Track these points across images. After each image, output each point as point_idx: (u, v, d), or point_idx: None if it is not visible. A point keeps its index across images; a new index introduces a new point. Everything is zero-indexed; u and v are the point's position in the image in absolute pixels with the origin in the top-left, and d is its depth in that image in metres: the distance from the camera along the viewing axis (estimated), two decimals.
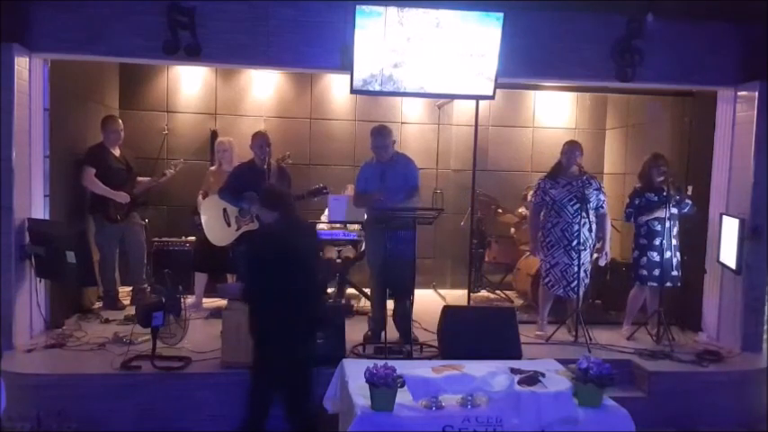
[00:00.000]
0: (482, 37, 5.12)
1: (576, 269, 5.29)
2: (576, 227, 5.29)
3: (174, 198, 7.03)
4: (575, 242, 5.30)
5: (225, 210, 5.68)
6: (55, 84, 5.21)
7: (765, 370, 5.03)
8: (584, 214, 5.28)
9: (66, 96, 5.52)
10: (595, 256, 5.55)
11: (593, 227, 5.39)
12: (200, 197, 6.08)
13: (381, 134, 5.15)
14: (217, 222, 5.72)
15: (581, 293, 5.33)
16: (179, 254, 6.51)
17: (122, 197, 5.77)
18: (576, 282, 5.31)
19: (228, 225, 5.70)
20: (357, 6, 4.91)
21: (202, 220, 5.82)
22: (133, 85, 7.06)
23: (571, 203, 5.32)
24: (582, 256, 5.29)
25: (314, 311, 3.84)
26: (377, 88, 5.22)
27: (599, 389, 3.50)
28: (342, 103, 7.41)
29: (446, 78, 5.25)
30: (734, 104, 5.54)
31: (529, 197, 6.89)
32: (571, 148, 5.47)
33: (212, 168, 6.23)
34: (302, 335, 3.74)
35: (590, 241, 5.39)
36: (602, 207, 5.47)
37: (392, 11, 4.99)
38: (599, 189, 5.46)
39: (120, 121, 6.04)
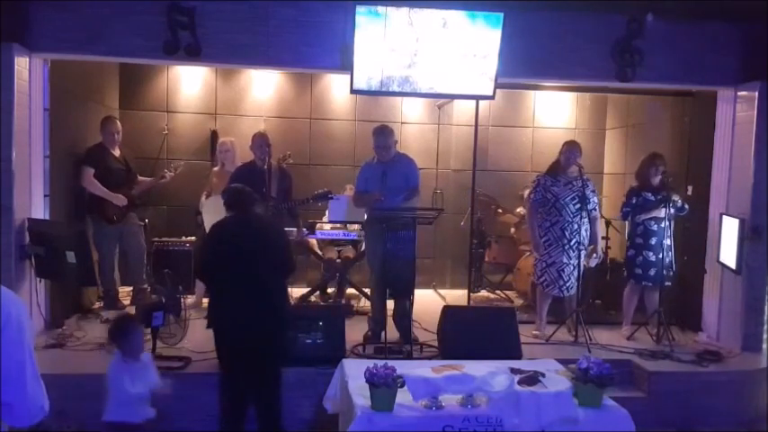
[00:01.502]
0: (486, 37, 5.12)
1: (572, 268, 5.29)
2: (576, 226, 5.29)
3: (173, 198, 7.03)
4: (573, 241, 5.30)
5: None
6: (55, 84, 5.21)
7: (765, 370, 5.03)
8: (583, 214, 5.28)
9: (66, 96, 5.52)
10: (593, 257, 5.55)
11: (589, 227, 5.40)
12: (203, 197, 6.07)
13: (384, 134, 5.15)
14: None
15: (579, 293, 5.34)
16: (179, 254, 6.50)
17: (120, 200, 5.77)
18: (570, 281, 5.31)
19: None
20: (357, 6, 4.91)
21: (205, 221, 5.81)
22: (133, 85, 7.06)
23: (573, 202, 5.32)
24: (578, 255, 5.28)
25: (276, 310, 3.84)
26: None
27: (599, 389, 3.51)
28: (342, 103, 7.41)
29: (452, 79, 5.26)
30: (734, 104, 5.53)
31: (526, 195, 6.91)
32: (570, 148, 5.47)
33: (215, 169, 6.23)
34: (264, 333, 3.74)
35: (586, 241, 5.39)
36: (595, 210, 5.47)
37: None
38: (593, 192, 5.47)
39: (119, 122, 6.03)
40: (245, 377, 3.77)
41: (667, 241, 5.35)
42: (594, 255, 5.52)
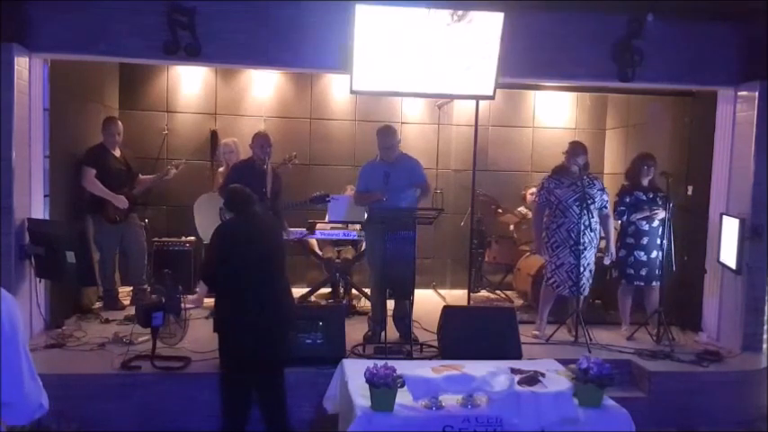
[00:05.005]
0: (487, 37, 5.13)
1: (582, 269, 5.29)
2: (582, 227, 5.27)
3: (173, 198, 7.02)
4: (580, 242, 5.28)
5: (221, 208, 5.66)
6: (55, 84, 5.21)
7: (765, 370, 5.03)
8: (590, 214, 5.26)
9: (66, 96, 5.51)
10: (599, 255, 5.54)
11: (597, 227, 5.38)
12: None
13: (388, 134, 5.18)
14: (211, 222, 5.69)
15: (586, 293, 5.33)
16: (179, 254, 6.51)
17: (122, 202, 5.77)
18: (582, 281, 5.31)
19: None
20: (357, 6, 4.91)
21: (196, 220, 5.80)
22: (133, 85, 7.06)
23: (576, 203, 5.30)
24: (588, 255, 5.29)
25: (281, 311, 3.82)
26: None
27: (599, 389, 3.51)
28: (342, 103, 7.40)
29: (454, 79, 5.27)
30: (734, 104, 5.53)
31: (528, 196, 6.90)
32: (573, 148, 5.46)
33: (221, 170, 6.25)
34: (269, 334, 3.73)
35: (594, 241, 5.38)
36: (606, 207, 5.46)
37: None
38: (602, 189, 5.46)
39: (120, 123, 6.02)
40: (252, 378, 3.76)
41: (663, 241, 5.34)
42: (607, 253, 5.51)
